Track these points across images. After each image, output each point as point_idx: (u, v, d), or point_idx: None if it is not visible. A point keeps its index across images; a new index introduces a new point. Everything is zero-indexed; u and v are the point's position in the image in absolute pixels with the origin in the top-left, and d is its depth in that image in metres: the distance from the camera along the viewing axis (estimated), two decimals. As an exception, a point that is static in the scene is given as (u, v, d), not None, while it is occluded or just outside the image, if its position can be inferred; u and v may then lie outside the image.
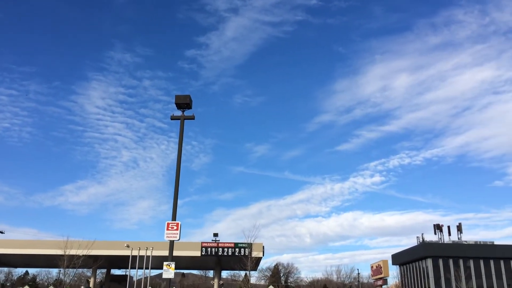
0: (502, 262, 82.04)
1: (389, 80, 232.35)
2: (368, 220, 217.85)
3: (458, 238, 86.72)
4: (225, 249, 63.36)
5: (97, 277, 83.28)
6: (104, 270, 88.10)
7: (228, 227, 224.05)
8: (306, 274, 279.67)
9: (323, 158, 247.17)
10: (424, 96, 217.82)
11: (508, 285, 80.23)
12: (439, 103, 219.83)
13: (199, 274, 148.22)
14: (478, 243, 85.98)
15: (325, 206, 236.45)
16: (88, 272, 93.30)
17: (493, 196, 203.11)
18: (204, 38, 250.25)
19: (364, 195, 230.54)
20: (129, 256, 58.82)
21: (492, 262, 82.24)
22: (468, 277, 79.29)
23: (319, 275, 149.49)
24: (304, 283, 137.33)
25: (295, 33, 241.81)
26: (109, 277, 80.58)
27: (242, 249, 61.73)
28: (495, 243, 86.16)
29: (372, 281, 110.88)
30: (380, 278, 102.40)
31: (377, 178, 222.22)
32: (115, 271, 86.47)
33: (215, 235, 67.37)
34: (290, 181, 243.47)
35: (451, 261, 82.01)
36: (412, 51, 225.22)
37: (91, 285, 74.13)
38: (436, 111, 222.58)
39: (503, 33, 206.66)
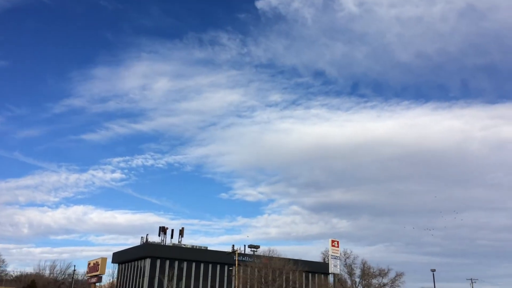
0: (210, 266, 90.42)
1: (150, 80, 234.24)
2: (98, 216, 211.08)
3: (179, 241, 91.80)
4: None
5: None
6: None
7: None
8: (14, 268, 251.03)
9: (65, 144, 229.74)
10: (180, 103, 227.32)
11: (212, 286, 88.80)
12: (191, 114, 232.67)
13: None
14: (195, 247, 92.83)
15: (54, 196, 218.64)
16: None
17: (217, 206, 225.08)
18: None
19: (101, 190, 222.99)
20: None
21: (202, 265, 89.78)
22: (180, 278, 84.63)
23: (29, 270, 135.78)
24: (9, 278, 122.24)
25: (62, 2, 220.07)
26: None
27: None
28: (209, 248, 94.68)
29: (86, 278, 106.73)
30: (95, 276, 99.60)
31: (117, 175, 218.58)
32: None
33: None
34: (19, 163, 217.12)
35: (167, 262, 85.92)
36: (177, 58, 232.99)
37: None
38: (187, 120, 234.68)
39: (254, 65, 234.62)
